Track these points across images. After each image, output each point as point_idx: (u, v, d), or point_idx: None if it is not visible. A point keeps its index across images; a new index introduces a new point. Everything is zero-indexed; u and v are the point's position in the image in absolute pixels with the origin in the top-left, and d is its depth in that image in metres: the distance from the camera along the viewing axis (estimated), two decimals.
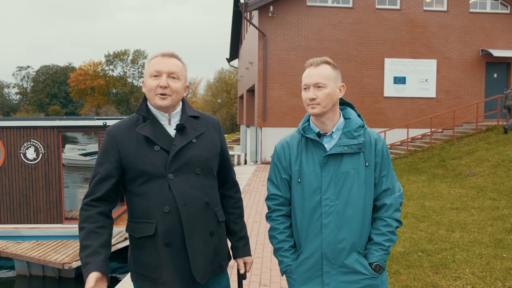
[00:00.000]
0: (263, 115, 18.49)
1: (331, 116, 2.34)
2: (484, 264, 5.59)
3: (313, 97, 2.28)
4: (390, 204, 2.32)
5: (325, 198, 2.28)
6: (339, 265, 2.28)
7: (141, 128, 2.27)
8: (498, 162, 13.05)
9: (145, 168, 2.23)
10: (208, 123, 2.43)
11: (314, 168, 2.31)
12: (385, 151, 2.38)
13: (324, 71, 2.30)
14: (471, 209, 8.80)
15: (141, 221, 2.27)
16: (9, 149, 9.75)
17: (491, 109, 19.04)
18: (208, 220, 2.31)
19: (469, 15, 19.15)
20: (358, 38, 18.69)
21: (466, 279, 5.09)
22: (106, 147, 2.31)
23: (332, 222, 2.27)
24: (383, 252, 2.29)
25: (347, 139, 2.30)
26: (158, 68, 2.28)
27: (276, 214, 2.45)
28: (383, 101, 19.01)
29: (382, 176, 2.34)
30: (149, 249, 2.26)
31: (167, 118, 2.33)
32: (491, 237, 6.83)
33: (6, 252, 8.88)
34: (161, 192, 2.22)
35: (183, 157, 2.25)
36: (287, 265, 2.40)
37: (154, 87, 2.27)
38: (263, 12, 18.19)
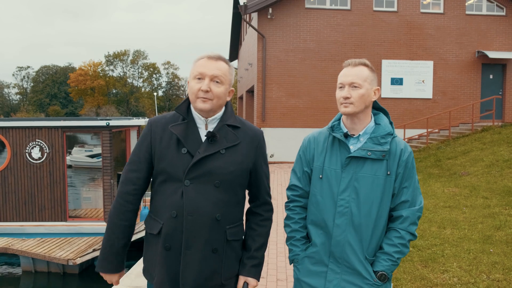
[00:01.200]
0: (262, 116, 18.76)
1: (362, 118, 2.36)
2: (472, 258, 5.87)
3: (347, 95, 2.30)
4: (407, 217, 2.31)
5: (340, 198, 2.32)
6: (345, 265, 2.32)
7: (174, 126, 2.25)
8: (492, 161, 13.33)
9: (166, 167, 2.22)
10: (246, 136, 2.34)
11: (336, 167, 2.35)
12: (410, 163, 2.36)
13: (361, 72, 2.32)
14: (463, 207, 9.09)
15: (153, 217, 2.31)
16: (15, 149, 10.03)
17: (487, 109, 19.31)
18: (213, 236, 2.24)
19: (465, 17, 19.43)
20: (355, 40, 18.96)
21: (453, 272, 5.37)
22: (142, 137, 2.33)
23: (343, 223, 2.31)
24: (391, 262, 2.30)
25: (373, 144, 2.31)
26: (201, 70, 2.22)
27: (294, 204, 2.50)
28: (381, 102, 19.24)
29: (403, 187, 2.33)
30: (153, 246, 2.30)
31: (204, 122, 2.29)
32: (481, 233, 7.10)
33: (12, 249, 9.15)
34: (174, 196, 2.21)
35: (204, 166, 2.20)
36: (295, 254, 2.46)
37: (196, 90, 2.22)
38: (262, 14, 18.47)
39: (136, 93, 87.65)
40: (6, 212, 10.11)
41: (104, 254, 2.33)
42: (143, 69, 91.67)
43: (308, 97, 18.60)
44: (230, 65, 2.34)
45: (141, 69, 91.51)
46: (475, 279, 5.12)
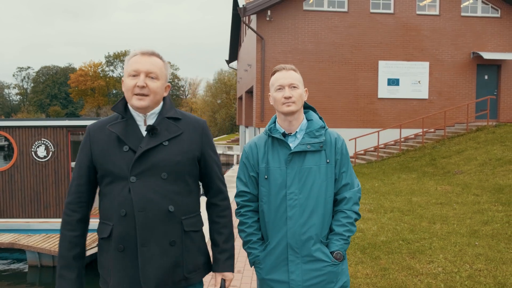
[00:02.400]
0: (261, 116, 19.08)
1: (298, 117, 2.54)
2: (457, 250, 6.21)
3: (289, 95, 2.47)
4: (350, 198, 2.52)
5: (289, 192, 2.45)
6: (303, 254, 2.44)
7: (112, 125, 2.22)
8: (485, 160, 13.66)
9: (110, 168, 2.18)
10: (189, 125, 2.33)
11: (280, 165, 2.49)
12: (344, 149, 2.57)
13: (295, 75, 2.54)
14: (454, 204, 9.42)
15: (102, 221, 2.25)
16: (21, 148, 10.36)
17: (482, 109, 19.63)
18: (169, 228, 2.19)
19: (461, 18, 19.77)
20: (353, 41, 19.29)
21: (438, 262, 5.71)
22: (82, 144, 2.30)
23: (296, 214, 2.44)
24: (343, 241, 2.47)
25: (310, 138, 2.49)
26: (136, 67, 2.19)
27: (244, 209, 2.59)
28: (377, 102, 19.62)
29: (342, 172, 2.54)
30: (105, 251, 2.23)
31: (142, 118, 2.25)
32: (468, 228, 7.43)
33: (18, 244, 9.48)
34: (121, 195, 2.15)
35: (148, 160, 2.16)
36: (255, 256, 2.55)
37: (131, 87, 2.18)
38: (261, 16, 18.80)
39: None
40: (12, 209, 10.44)
41: (58, 270, 2.25)
42: None
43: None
44: (165, 60, 2.32)
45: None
46: (458, 268, 5.45)
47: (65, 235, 2.24)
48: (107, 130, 2.22)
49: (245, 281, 5.29)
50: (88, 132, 2.29)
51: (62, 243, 2.24)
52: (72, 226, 2.23)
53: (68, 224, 2.23)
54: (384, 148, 19.18)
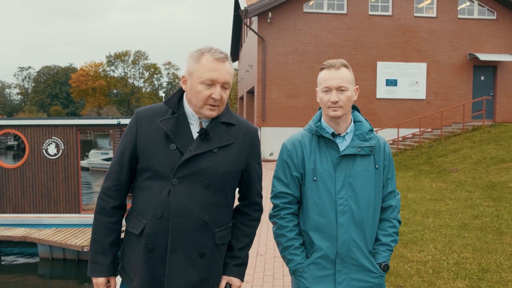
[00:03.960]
0: (262, 115, 19.51)
1: (346, 118, 2.39)
2: (447, 241, 6.64)
3: (337, 100, 2.30)
4: (395, 206, 2.43)
5: (339, 197, 2.32)
6: (351, 263, 2.33)
7: (163, 120, 2.11)
8: (480, 159, 14.09)
9: (153, 164, 2.09)
10: (240, 134, 2.21)
11: (328, 167, 2.34)
12: (391, 155, 2.47)
13: (345, 74, 2.33)
14: (447, 199, 9.85)
15: (135, 215, 2.17)
16: (32, 146, 10.81)
17: (478, 110, 20.05)
18: (202, 240, 2.11)
19: (458, 21, 20.20)
20: (352, 43, 19.72)
21: (428, 251, 6.14)
22: (128, 129, 2.19)
23: (346, 221, 2.31)
24: (389, 252, 2.39)
25: (360, 141, 2.36)
26: (214, 76, 2.07)
27: (285, 212, 2.41)
28: (376, 102, 20.05)
29: (388, 179, 2.43)
30: (134, 247, 2.16)
31: (197, 120, 2.16)
32: (459, 221, 7.86)
33: (30, 237, 9.92)
34: (160, 195, 2.07)
35: (194, 165, 2.07)
36: (298, 263, 2.38)
37: (205, 97, 2.08)
38: (262, 18, 19.22)
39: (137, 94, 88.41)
40: (24, 204, 10.88)
41: (91, 255, 2.20)
42: (144, 69, 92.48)
43: (306, 98, 19.34)
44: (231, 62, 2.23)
45: (142, 70, 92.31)
46: (446, 256, 5.89)
47: (101, 221, 2.18)
48: (156, 122, 2.12)
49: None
50: (136, 118, 2.18)
51: (98, 228, 2.18)
52: (109, 212, 2.18)
53: (104, 210, 2.18)
54: None
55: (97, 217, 2.20)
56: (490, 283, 4.92)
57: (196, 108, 2.12)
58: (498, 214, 8.20)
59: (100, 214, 2.19)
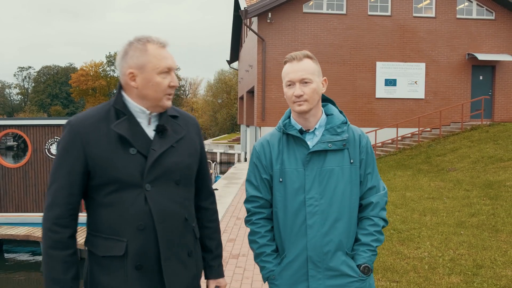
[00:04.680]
0: (262, 115, 19.65)
1: (315, 112, 2.23)
2: (443, 238, 6.77)
3: (300, 93, 2.15)
4: (377, 203, 2.24)
5: (309, 197, 2.17)
6: (326, 268, 2.17)
7: (117, 125, 1.91)
8: (478, 158, 14.22)
9: (118, 174, 1.88)
10: (188, 124, 2.14)
11: (297, 166, 2.20)
12: (369, 147, 2.29)
13: (308, 65, 2.19)
14: (444, 198, 9.98)
15: (108, 237, 1.92)
16: (35, 145, 10.93)
17: (477, 109, 20.19)
18: (187, 238, 2.04)
19: (456, 21, 20.33)
20: (351, 43, 19.85)
21: (424, 248, 6.27)
22: (67, 145, 1.90)
23: (317, 222, 2.16)
24: (371, 253, 2.21)
25: (331, 135, 2.20)
26: (169, 64, 1.97)
27: (256, 217, 2.30)
28: (375, 102, 20.18)
29: (367, 174, 2.26)
30: (115, 272, 1.92)
31: (147, 116, 1.99)
32: (456, 219, 7.99)
33: (33, 236, 10.04)
34: (135, 205, 1.90)
35: (162, 165, 1.95)
36: (269, 270, 2.27)
37: (166, 87, 1.96)
38: (262, 18, 19.36)
39: None
40: (27, 203, 11.01)
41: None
42: None
43: None
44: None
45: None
46: (442, 253, 6.02)
47: (57, 256, 1.88)
48: (104, 129, 1.91)
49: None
50: (75, 130, 1.90)
51: (54, 265, 1.88)
52: (65, 244, 1.90)
53: (60, 243, 1.89)
54: (382, 146, 19.75)
55: (51, 252, 1.89)
56: (484, 279, 5.05)
57: (155, 101, 1.96)
58: (494, 212, 8.32)
59: (54, 249, 1.88)
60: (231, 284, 5.23)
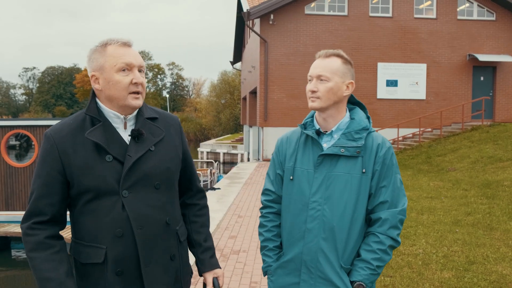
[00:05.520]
0: (264, 115, 19.86)
1: (333, 114, 2.17)
2: (438, 236, 6.96)
3: (314, 89, 2.13)
4: (386, 219, 2.08)
5: (313, 200, 2.12)
6: (318, 275, 2.11)
7: (90, 132, 1.88)
8: (478, 158, 14.39)
9: (94, 183, 1.87)
10: (167, 124, 2.09)
11: (308, 167, 2.15)
12: (389, 159, 2.15)
13: (331, 63, 2.13)
14: (442, 197, 10.16)
15: (88, 244, 1.92)
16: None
17: (477, 110, 20.34)
18: (168, 243, 2.02)
19: (457, 22, 20.50)
20: (352, 44, 20.04)
21: (420, 245, 6.46)
22: (45, 156, 1.89)
23: (316, 228, 2.11)
24: (369, 271, 2.07)
25: (346, 140, 2.12)
26: (127, 60, 1.91)
27: (266, 210, 2.31)
28: (376, 103, 20.37)
29: (381, 187, 2.11)
30: (96, 279, 1.92)
31: (122, 121, 1.96)
32: (453, 218, 8.17)
33: None
34: (113, 212, 1.89)
35: (139, 170, 1.91)
36: (268, 265, 2.28)
37: (127, 84, 1.89)
38: (264, 20, 19.57)
39: None
40: None
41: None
42: (148, 69, 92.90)
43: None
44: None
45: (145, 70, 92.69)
46: (436, 250, 6.21)
47: (39, 257, 1.85)
48: (79, 138, 1.90)
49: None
50: (51, 140, 1.89)
51: (41, 265, 1.83)
52: (44, 244, 1.87)
53: (39, 243, 1.86)
54: None
55: (33, 255, 1.85)
56: (475, 274, 5.24)
57: (120, 102, 1.92)
58: (490, 211, 8.50)
59: (34, 251, 1.85)
60: (231, 278, 5.43)
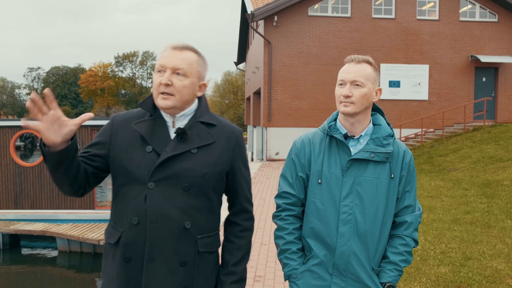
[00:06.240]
0: (268, 116, 20.07)
1: (362, 119, 2.19)
2: (437, 233, 7.17)
3: (348, 94, 2.13)
4: (411, 223, 2.21)
5: (344, 205, 2.14)
6: (351, 278, 2.15)
7: (137, 123, 2.01)
8: (479, 158, 14.57)
9: (128, 167, 1.96)
10: (222, 134, 2.08)
11: (336, 171, 2.16)
12: (412, 166, 2.24)
13: (364, 69, 2.16)
14: (442, 196, 10.36)
15: (112, 224, 2.04)
16: None
17: (480, 110, 20.50)
18: (182, 247, 1.97)
19: (459, 23, 20.67)
20: (356, 45, 20.21)
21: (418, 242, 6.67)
22: (103, 129, 2.08)
23: (348, 231, 2.14)
24: (397, 273, 2.17)
25: (375, 146, 2.16)
26: (162, 62, 1.97)
27: (286, 213, 2.27)
28: (379, 103, 20.48)
29: (406, 192, 2.21)
30: (111, 258, 2.02)
31: (171, 119, 2.04)
32: (452, 216, 8.37)
33: (50, 231, 10.54)
34: (136, 200, 1.94)
35: (172, 167, 1.94)
36: (293, 268, 2.23)
37: (157, 85, 1.96)
38: (268, 21, 19.78)
39: (145, 94, 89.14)
40: (42, 200, 11.51)
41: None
42: (152, 70, 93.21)
43: (311, 99, 19.90)
44: (201, 55, 2.07)
45: (150, 70, 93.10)
46: (434, 246, 6.42)
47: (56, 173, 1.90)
48: (131, 126, 2.02)
49: None
50: (112, 121, 2.08)
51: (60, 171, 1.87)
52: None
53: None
54: None
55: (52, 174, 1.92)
56: (471, 269, 5.45)
57: (155, 101, 2.01)
58: (489, 209, 8.70)
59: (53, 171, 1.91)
60: None
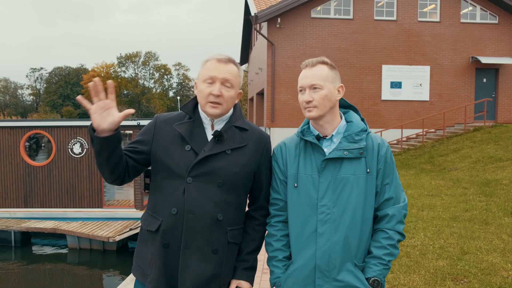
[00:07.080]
0: (271, 116, 20.35)
1: (330, 119, 2.22)
2: (436, 230, 7.43)
3: (309, 99, 2.16)
4: (393, 215, 2.17)
5: (321, 205, 2.15)
6: (333, 278, 2.13)
7: (178, 124, 2.24)
8: (479, 158, 14.81)
9: (169, 163, 2.19)
10: (253, 138, 2.30)
11: (312, 172, 2.18)
12: (389, 157, 2.22)
13: (320, 71, 2.19)
14: (442, 195, 10.61)
15: (152, 214, 2.26)
16: (59, 145, 11.72)
17: (480, 111, 20.73)
18: (214, 236, 2.19)
19: (460, 25, 20.90)
20: (357, 47, 20.49)
21: (418, 238, 6.94)
22: (147, 128, 2.31)
23: (327, 231, 2.13)
24: (382, 266, 2.15)
25: (348, 143, 2.17)
26: (213, 74, 2.19)
27: (275, 219, 2.31)
28: (381, 104, 20.81)
29: (385, 184, 2.20)
30: (150, 244, 2.23)
31: (210, 122, 2.26)
32: (451, 214, 8.62)
33: (60, 229, 10.82)
34: (175, 193, 2.18)
35: (208, 165, 2.17)
36: (277, 276, 2.26)
37: (206, 94, 2.19)
38: (271, 23, 20.04)
39: (147, 94, 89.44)
40: (51, 199, 11.80)
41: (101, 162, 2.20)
42: (154, 70, 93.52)
43: None
44: (239, 67, 2.31)
45: (152, 70, 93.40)
46: (433, 242, 6.68)
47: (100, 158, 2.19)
48: (173, 127, 2.25)
49: None
50: (155, 120, 2.32)
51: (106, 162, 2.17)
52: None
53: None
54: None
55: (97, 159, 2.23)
56: (467, 262, 5.72)
57: (202, 107, 2.26)
58: (487, 207, 8.95)
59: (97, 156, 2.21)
60: None
